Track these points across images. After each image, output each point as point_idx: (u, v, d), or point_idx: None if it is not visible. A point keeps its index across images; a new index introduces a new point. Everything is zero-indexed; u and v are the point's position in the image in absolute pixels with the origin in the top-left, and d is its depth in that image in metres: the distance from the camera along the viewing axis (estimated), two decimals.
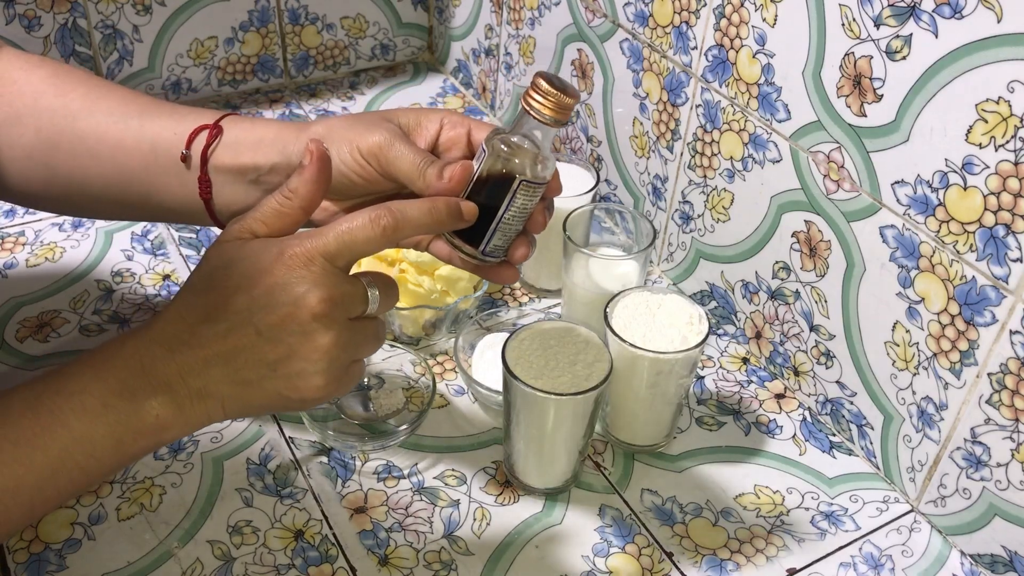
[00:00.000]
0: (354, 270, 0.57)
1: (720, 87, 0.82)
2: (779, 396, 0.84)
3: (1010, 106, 0.59)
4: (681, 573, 0.70)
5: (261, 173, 0.64)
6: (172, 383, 0.52)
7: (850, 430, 0.80)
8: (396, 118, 0.63)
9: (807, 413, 0.83)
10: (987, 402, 0.66)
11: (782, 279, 0.82)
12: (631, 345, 0.70)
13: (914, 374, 0.71)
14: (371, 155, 0.60)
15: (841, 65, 0.70)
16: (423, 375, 0.80)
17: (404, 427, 0.76)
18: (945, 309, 0.67)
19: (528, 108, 0.56)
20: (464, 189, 0.58)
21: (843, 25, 0.69)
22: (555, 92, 0.55)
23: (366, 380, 0.81)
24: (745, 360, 0.88)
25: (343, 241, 0.53)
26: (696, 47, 0.83)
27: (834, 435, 0.81)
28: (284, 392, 0.54)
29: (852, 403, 0.78)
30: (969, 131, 0.62)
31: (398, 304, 0.81)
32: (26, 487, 0.51)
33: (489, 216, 0.58)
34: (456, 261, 0.62)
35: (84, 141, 0.66)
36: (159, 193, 0.66)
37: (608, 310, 0.73)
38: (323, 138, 0.60)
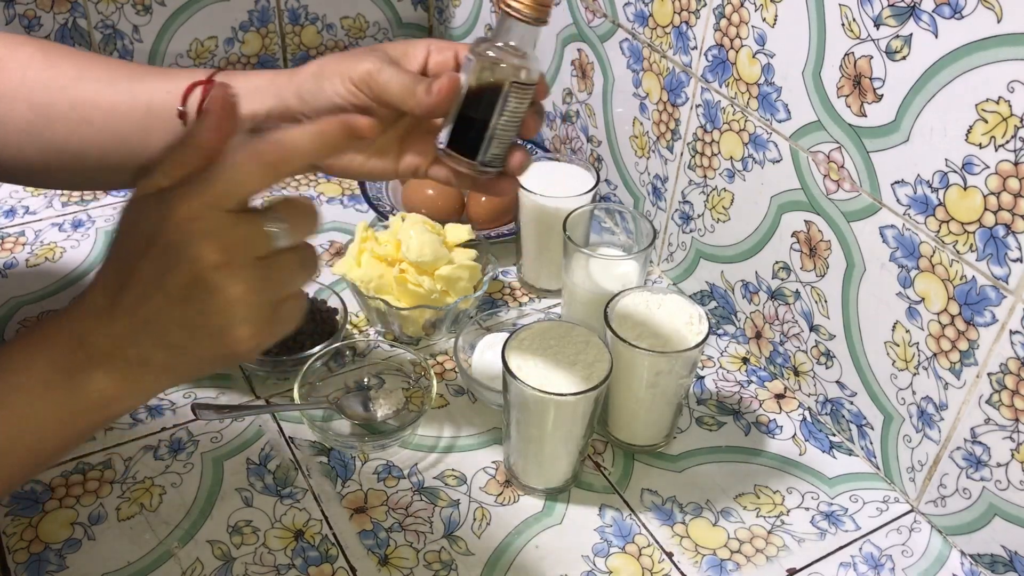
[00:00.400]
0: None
1: (720, 87, 0.82)
2: (779, 396, 0.84)
3: (1010, 106, 0.59)
4: (681, 573, 0.70)
5: (259, 121, 0.63)
6: (111, 354, 0.50)
7: (850, 430, 0.80)
8: (384, 49, 0.63)
9: (807, 413, 0.83)
10: (987, 402, 0.66)
11: (782, 279, 0.82)
12: (631, 345, 0.70)
13: (914, 374, 0.71)
14: (363, 83, 0.60)
15: (841, 65, 0.70)
16: (423, 375, 0.80)
17: (404, 427, 0.76)
18: (945, 309, 0.67)
19: (508, 10, 0.56)
20: (455, 101, 0.58)
21: (843, 25, 0.69)
22: None
23: (366, 380, 0.81)
24: (745, 360, 0.88)
25: (226, 184, 0.49)
26: (696, 47, 0.83)
27: (834, 435, 0.81)
28: (217, 350, 0.51)
29: (852, 403, 0.78)
30: (969, 131, 0.62)
31: (398, 304, 0.81)
32: None
33: (483, 125, 0.58)
34: (454, 180, 0.62)
35: (77, 109, 0.66)
36: (156, 149, 0.63)
37: (608, 310, 0.73)
38: (315, 75, 0.62)
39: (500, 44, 0.58)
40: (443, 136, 0.60)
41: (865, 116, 0.69)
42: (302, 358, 0.79)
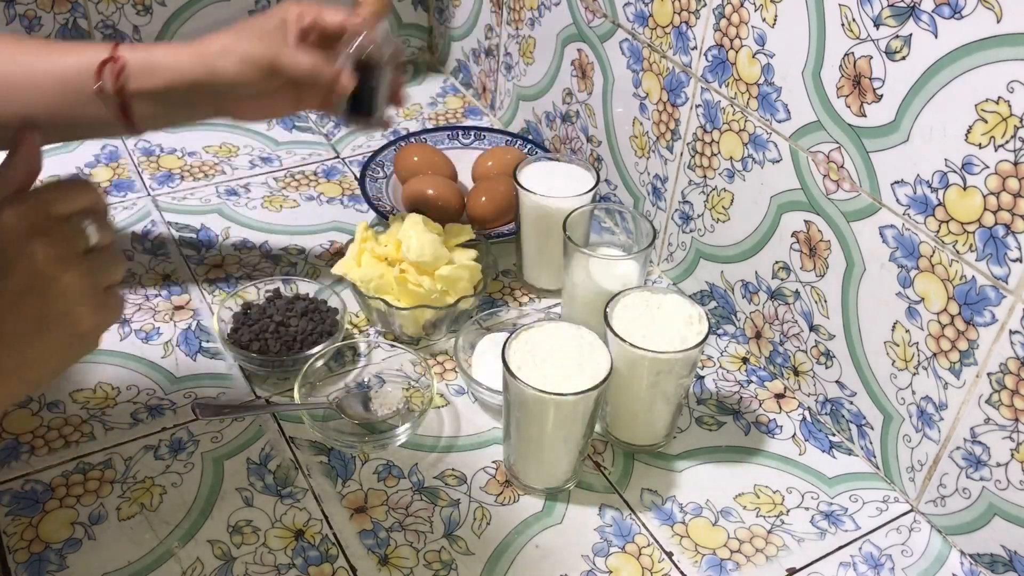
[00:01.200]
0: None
1: (720, 87, 0.82)
2: (779, 396, 0.85)
3: (1010, 106, 0.59)
4: (681, 573, 0.70)
5: (174, 94, 0.74)
6: None
7: (850, 430, 0.80)
8: (267, 22, 0.76)
9: (807, 413, 0.83)
10: (987, 402, 0.66)
11: (782, 279, 0.82)
12: (631, 345, 0.70)
13: (914, 374, 0.71)
14: (269, 67, 0.74)
15: (841, 65, 0.70)
16: (423, 375, 0.80)
17: (404, 427, 0.76)
18: (945, 309, 0.68)
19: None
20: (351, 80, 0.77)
21: (843, 25, 0.69)
22: None
23: (366, 380, 0.81)
24: (745, 360, 0.88)
25: (50, 192, 0.56)
26: (696, 47, 0.83)
27: (834, 435, 0.81)
28: (63, 335, 0.56)
29: (852, 403, 0.78)
30: (969, 131, 0.62)
31: (398, 304, 0.81)
32: None
33: (373, 92, 0.79)
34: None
35: None
36: (82, 120, 0.74)
37: (608, 310, 0.73)
38: (222, 55, 0.74)
39: (371, 36, 0.76)
40: (344, 105, 0.79)
41: (865, 116, 0.69)
42: (302, 358, 0.79)
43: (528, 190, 0.87)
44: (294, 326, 0.82)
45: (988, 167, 0.61)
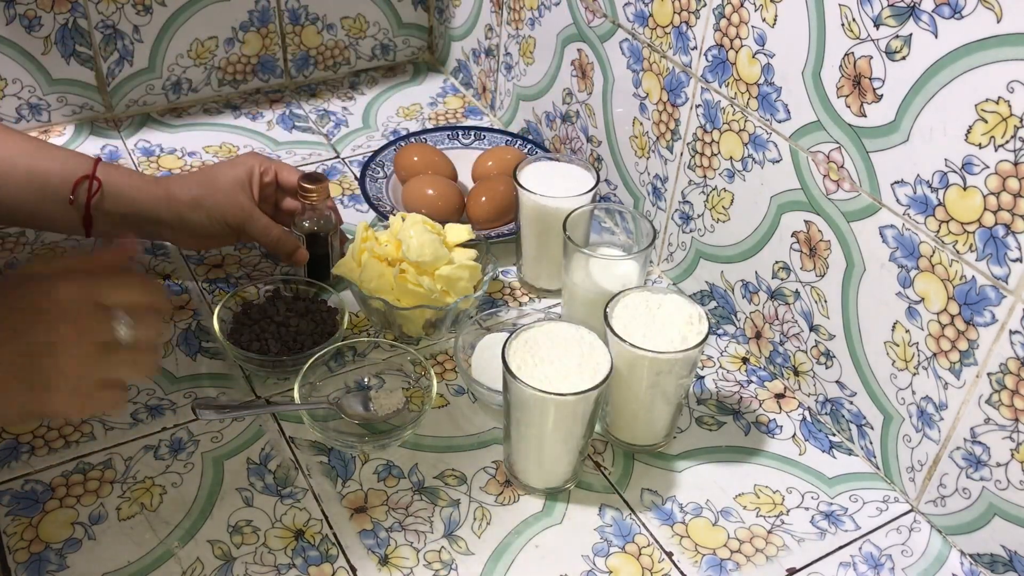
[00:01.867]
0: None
1: (720, 87, 0.82)
2: (779, 396, 0.85)
3: (1010, 106, 0.59)
4: (681, 573, 0.70)
5: (136, 221, 0.83)
6: None
7: (850, 430, 0.80)
8: (238, 178, 0.86)
9: (807, 413, 0.83)
10: (987, 402, 0.66)
11: (782, 279, 0.82)
12: (631, 345, 0.70)
13: (914, 374, 0.71)
14: (238, 229, 0.86)
15: (841, 65, 0.70)
16: (423, 375, 0.80)
17: (404, 427, 0.76)
18: (945, 309, 0.68)
19: (305, 200, 0.87)
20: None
21: (843, 25, 0.69)
22: (310, 187, 0.86)
23: (366, 380, 0.81)
24: (745, 360, 0.88)
25: (113, 291, 0.61)
26: (696, 47, 0.83)
27: (834, 435, 0.81)
28: (31, 402, 0.58)
29: (852, 403, 0.78)
30: (969, 131, 0.62)
31: (398, 304, 0.81)
32: None
33: (326, 258, 0.90)
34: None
35: None
36: (46, 218, 0.83)
37: (608, 310, 0.73)
38: (193, 207, 0.84)
39: (314, 216, 0.88)
40: (303, 272, 0.90)
41: (865, 116, 0.69)
42: (302, 358, 0.79)
43: (528, 190, 0.87)
44: (294, 326, 0.82)
45: (988, 167, 0.61)
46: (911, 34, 0.64)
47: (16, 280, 0.62)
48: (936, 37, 0.62)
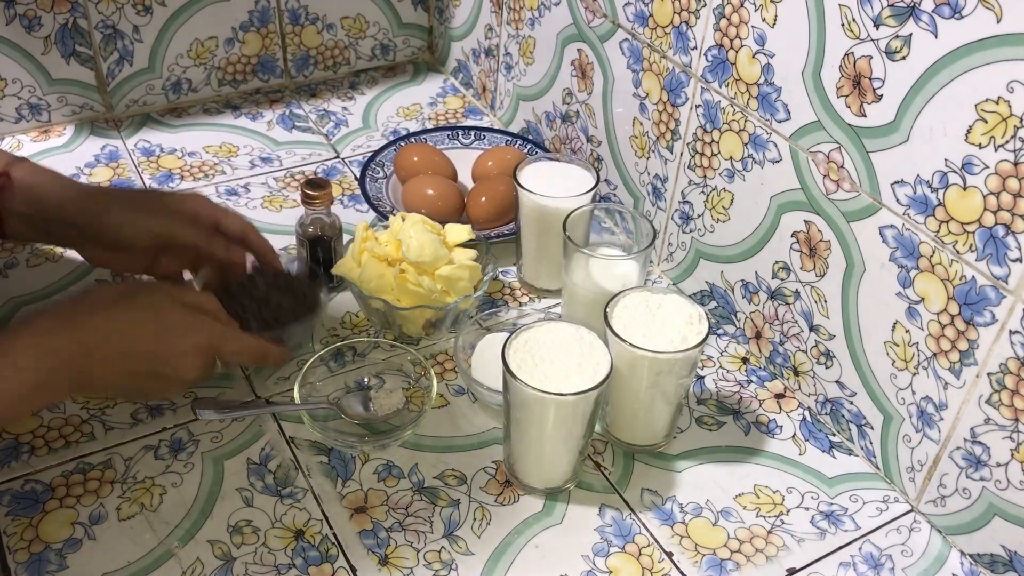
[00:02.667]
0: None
1: (720, 87, 0.82)
2: (779, 396, 0.85)
3: (1010, 106, 0.59)
4: (681, 573, 0.70)
5: (45, 223, 0.78)
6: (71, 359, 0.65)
7: (850, 430, 0.80)
8: (178, 210, 0.80)
9: (807, 413, 0.83)
10: (987, 402, 0.66)
11: (782, 279, 0.82)
12: (631, 345, 0.70)
13: (914, 374, 0.71)
14: (163, 234, 0.78)
15: (841, 65, 0.70)
16: (423, 375, 0.80)
17: (404, 427, 0.76)
18: (945, 309, 0.68)
19: (310, 207, 0.88)
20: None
21: (843, 25, 0.69)
22: (314, 192, 0.86)
23: (366, 380, 0.81)
24: (745, 360, 0.88)
25: (232, 354, 0.75)
26: (696, 47, 0.83)
27: (834, 435, 0.81)
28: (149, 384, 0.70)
29: (852, 403, 0.78)
30: (969, 131, 0.62)
31: (398, 304, 0.81)
32: None
33: (330, 264, 0.89)
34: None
35: None
36: None
37: (608, 310, 0.73)
38: (118, 207, 0.78)
39: (315, 221, 0.88)
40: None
41: (865, 116, 0.69)
42: (283, 334, 0.79)
43: (528, 190, 0.87)
44: (275, 302, 0.81)
45: (988, 167, 0.61)
46: (911, 34, 0.64)
47: (164, 300, 0.71)
48: (936, 37, 0.62)
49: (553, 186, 0.87)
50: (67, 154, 1.07)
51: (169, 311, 0.70)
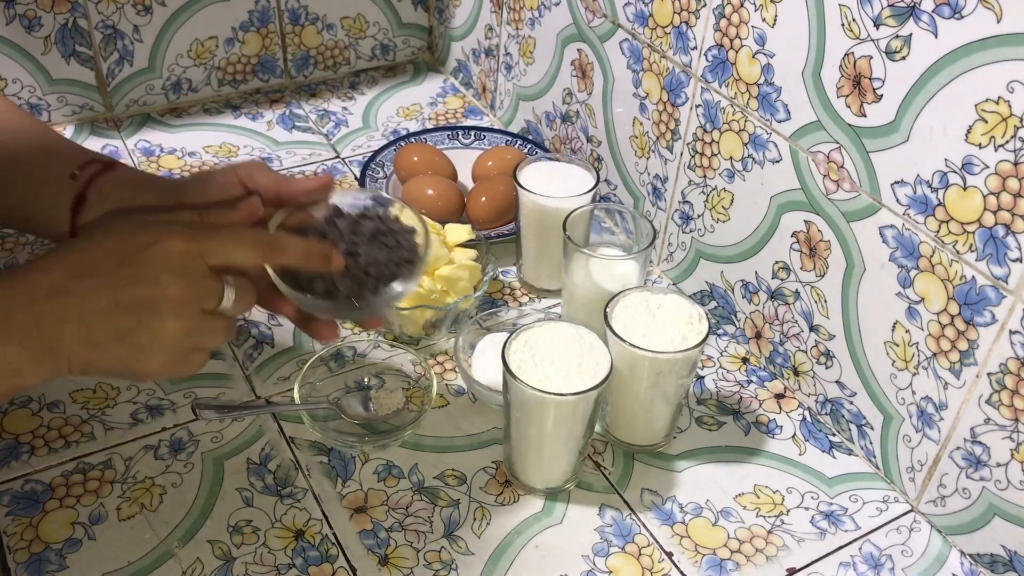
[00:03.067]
0: None
1: (720, 87, 0.82)
2: (779, 396, 0.85)
3: (1010, 106, 0.59)
4: (681, 573, 0.70)
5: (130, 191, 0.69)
6: (27, 332, 0.54)
7: (850, 430, 0.80)
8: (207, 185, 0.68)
9: (807, 413, 0.83)
10: (987, 402, 0.66)
11: (782, 279, 0.82)
12: (631, 345, 0.70)
13: (914, 374, 0.71)
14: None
15: (841, 65, 0.70)
16: (423, 375, 0.80)
17: (404, 427, 0.76)
18: (945, 309, 0.68)
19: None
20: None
21: (843, 25, 0.69)
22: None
23: (366, 380, 0.81)
24: (745, 360, 0.88)
25: (219, 244, 0.58)
26: (696, 47, 0.83)
27: (834, 435, 0.81)
28: (126, 361, 0.57)
29: (852, 403, 0.78)
30: (969, 131, 0.62)
31: (398, 304, 0.81)
32: None
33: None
34: (287, 310, 0.67)
35: None
36: (35, 187, 0.70)
37: (608, 310, 0.73)
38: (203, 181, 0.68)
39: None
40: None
41: (865, 116, 0.69)
42: (381, 300, 0.65)
43: (528, 190, 0.87)
44: (364, 255, 0.65)
45: (988, 167, 0.61)
46: (911, 34, 0.64)
47: (124, 224, 0.58)
48: (936, 37, 0.62)
49: (553, 186, 0.87)
50: None
51: (128, 230, 0.57)
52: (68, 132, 1.10)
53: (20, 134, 0.73)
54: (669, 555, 0.71)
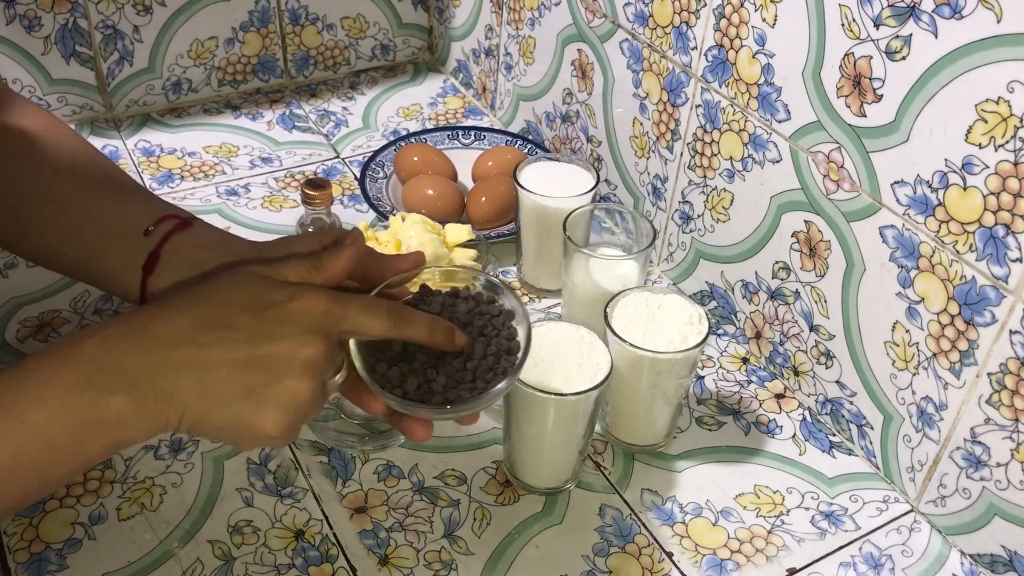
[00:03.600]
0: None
1: (720, 87, 0.82)
2: (779, 396, 0.85)
3: (1010, 106, 0.59)
4: (681, 573, 0.70)
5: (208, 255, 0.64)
6: (138, 382, 0.51)
7: (850, 430, 0.80)
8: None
9: (807, 413, 0.83)
10: (987, 402, 0.66)
11: (782, 279, 0.82)
12: (631, 345, 0.70)
13: (914, 374, 0.71)
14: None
15: (841, 65, 0.70)
16: None
17: None
18: (945, 309, 0.67)
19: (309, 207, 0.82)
20: None
21: (843, 25, 0.69)
22: (314, 192, 0.73)
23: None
24: (745, 360, 0.88)
25: (359, 317, 0.55)
26: (696, 47, 0.83)
27: (834, 435, 0.81)
28: (247, 419, 0.53)
29: (852, 403, 0.78)
30: (969, 131, 0.62)
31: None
32: None
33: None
34: (377, 407, 0.61)
35: (58, 201, 0.67)
36: (106, 255, 0.66)
37: (608, 310, 0.73)
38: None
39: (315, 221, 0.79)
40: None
41: (865, 116, 0.69)
42: (469, 404, 0.58)
43: (528, 190, 0.87)
44: (469, 351, 0.59)
45: (988, 167, 0.61)
46: (911, 34, 0.64)
47: (252, 279, 0.55)
48: (936, 37, 0.62)
49: (553, 186, 0.87)
50: None
51: (263, 285, 0.54)
52: None
53: (93, 176, 0.69)
54: (669, 555, 0.71)
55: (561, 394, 0.66)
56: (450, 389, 0.58)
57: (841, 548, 0.72)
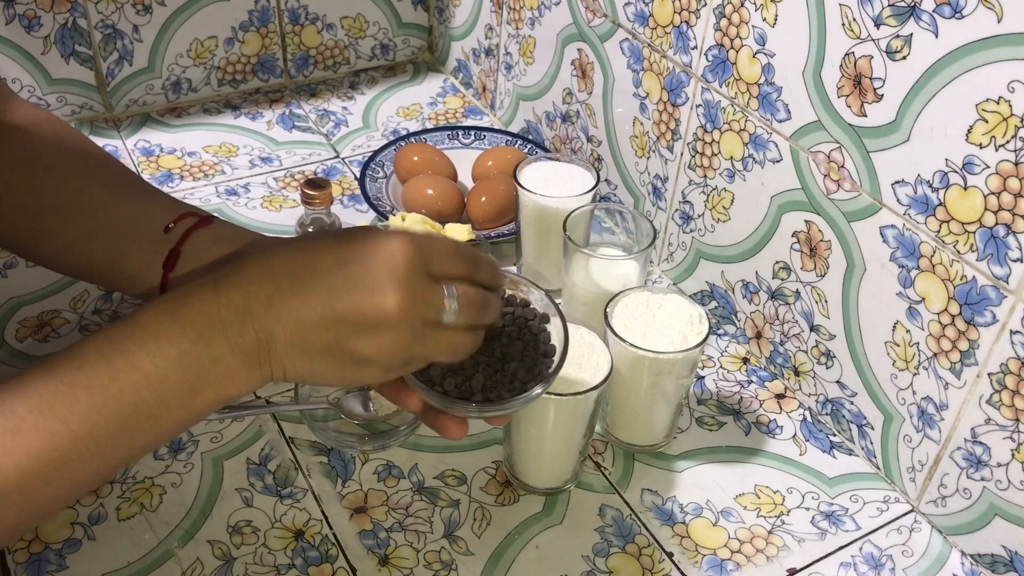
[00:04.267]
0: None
1: (720, 87, 0.82)
2: (779, 396, 0.84)
3: (1010, 106, 0.59)
4: (681, 573, 0.70)
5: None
6: (244, 337, 0.53)
7: (850, 430, 0.80)
8: None
9: (807, 413, 0.83)
10: (987, 402, 0.66)
11: (782, 279, 0.82)
12: (631, 345, 0.70)
13: (914, 374, 0.71)
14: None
15: (841, 65, 0.70)
16: None
17: (404, 427, 0.76)
18: (945, 309, 0.67)
19: (309, 207, 0.85)
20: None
21: (843, 25, 0.69)
22: (313, 192, 0.80)
23: None
24: (745, 360, 0.88)
25: (446, 253, 0.56)
26: (696, 47, 0.83)
27: (834, 435, 0.81)
28: (342, 369, 0.55)
29: (852, 403, 0.78)
30: (969, 131, 0.62)
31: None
32: (100, 435, 0.50)
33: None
34: (413, 404, 0.61)
35: (79, 206, 0.68)
36: (126, 255, 0.66)
37: (608, 310, 0.73)
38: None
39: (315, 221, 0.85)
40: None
41: (865, 116, 0.69)
42: (502, 406, 0.60)
43: (528, 190, 0.87)
44: (499, 355, 0.61)
45: (989, 167, 0.61)
46: (911, 34, 0.64)
47: (347, 232, 0.56)
48: (937, 37, 0.62)
49: (553, 186, 0.87)
50: None
51: (349, 231, 0.56)
52: None
53: (109, 178, 0.70)
54: (669, 555, 0.71)
55: (561, 394, 0.66)
56: (490, 389, 0.59)
57: (841, 548, 0.72)
